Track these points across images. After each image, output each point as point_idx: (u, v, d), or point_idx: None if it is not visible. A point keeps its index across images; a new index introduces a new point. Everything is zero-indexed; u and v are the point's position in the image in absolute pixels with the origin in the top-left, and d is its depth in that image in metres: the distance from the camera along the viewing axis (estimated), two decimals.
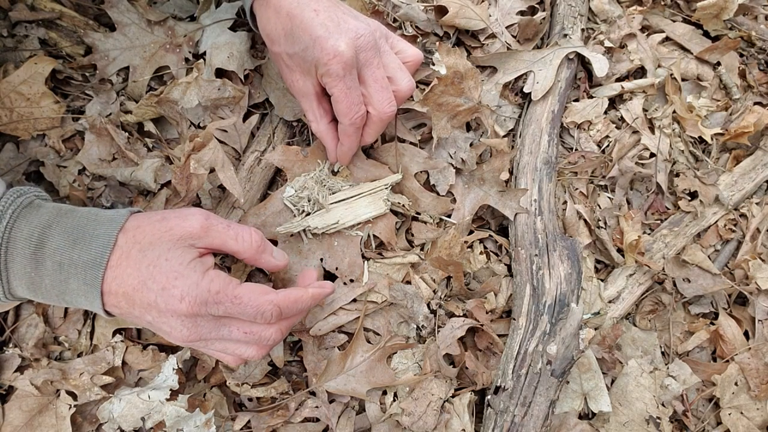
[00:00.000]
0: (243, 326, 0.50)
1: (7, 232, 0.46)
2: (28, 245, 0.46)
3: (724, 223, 0.79)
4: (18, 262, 0.46)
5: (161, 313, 0.47)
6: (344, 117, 0.59)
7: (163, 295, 0.46)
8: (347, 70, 0.56)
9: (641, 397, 0.70)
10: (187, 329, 0.47)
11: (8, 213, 0.47)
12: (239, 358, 0.52)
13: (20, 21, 0.67)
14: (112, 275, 0.47)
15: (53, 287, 0.47)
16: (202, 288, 0.47)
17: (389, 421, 0.65)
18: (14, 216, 0.47)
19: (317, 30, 0.55)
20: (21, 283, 0.47)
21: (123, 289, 0.47)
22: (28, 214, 0.48)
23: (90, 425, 0.61)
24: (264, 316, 0.49)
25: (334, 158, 0.66)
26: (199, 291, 0.46)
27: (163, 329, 0.48)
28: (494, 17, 0.79)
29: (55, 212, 0.49)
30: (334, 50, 0.55)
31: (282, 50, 0.59)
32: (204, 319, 0.48)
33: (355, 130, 0.60)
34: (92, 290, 0.47)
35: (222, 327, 0.49)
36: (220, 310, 0.48)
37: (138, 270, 0.47)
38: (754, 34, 0.87)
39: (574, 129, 0.80)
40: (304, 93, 0.62)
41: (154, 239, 0.48)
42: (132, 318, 0.49)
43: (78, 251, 0.47)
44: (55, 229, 0.47)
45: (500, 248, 0.74)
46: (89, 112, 0.67)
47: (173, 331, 0.48)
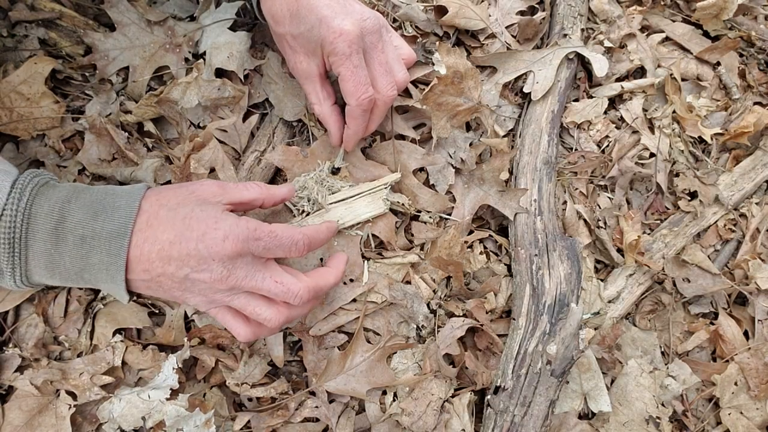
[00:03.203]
0: (275, 275, 0.52)
1: (28, 208, 0.46)
2: (49, 220, 0.46)
3: (723, 223, 0.79)
4: (39, 238, 0.46)
5: (201, 261, 0.47)
6: (351, 97, 0.58)
7: (205, 239, 0.48)
8: (353, 48, 0.56)
9: (641, 397, 0.70)
10: (227, 270, 0.48)
11: (27, 190, 0.47)
12: (255, 323, 0.53)
13: (20, 21, 0.67)
14: (142, 238, 0.47)
15: (73, 264, 0.47)
16: (242, 226, 0.49)
17: (389, 421, 0.65)
18: (33, 193, 0.47)
19: (323, 10, 0.56)
20: (39, 263, 0.47)
21: (157, 247, 0.47)
22: (47, 192, 0.48)
23: (90, 425, 0.61)
24: (297, 245, 0.52)
25: (337, 141, 0.65)
26: (239, 229, 0.49)
27: (199, 280, 0.48)
28: (494, 17, 0.79)
29: (73, 189, 0.49)
30: (340, 29, 0.55)
31: (286, 31, 0.60)
32: (243, 260, 0.50)
33: (362, 111, 0.60)
34: (116, 261, 0.47)
35: (257, 273, 0.51)
36: (260, 246, 0.50)
37: (172, 225, 0.48)
38: (753, 34, 0.87)
39: (573, 129, 0.80)
40: (307, 75, 0.62)
41: (181, 200, 0.50)
42: (163, 283, 0.49)
43: (101, 222, 0.47)
44: (75, 204, 0.47)
45: (500, 248, 0.74)
46: (89, 112, 0.67)
47: (212, 276, 0.48)
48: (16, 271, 0.47)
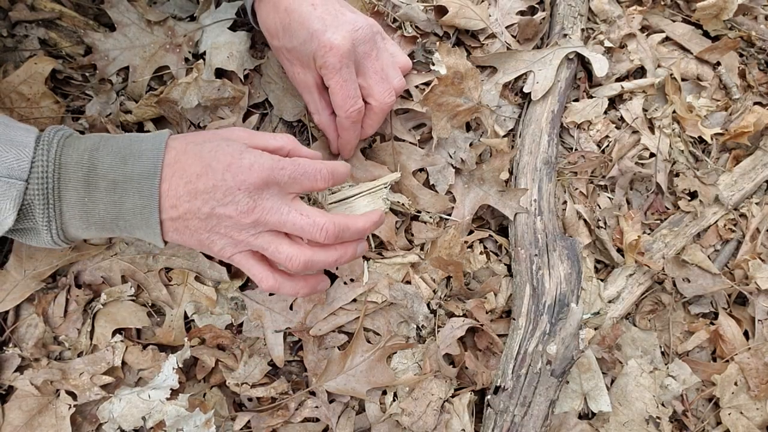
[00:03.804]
0: (301, 208, 0.51)
1: (57, 159, 0.46)
2: (79, 168, 0.46)
3: (723, 223, 0.79)
4: (71, 188, 0.46)
5: (227, 192, 0.47)
6: (340, 109, 0.59)
7: (231, 169, 0.48)
8: (343, 62, 0.56)
9: (641, 397, 0.70)
10: (253, 201, 0.48)
11: (55, 142, 0.47)
12: (279, 270, 0.53)
13: (20, 21, 0.67)
14: (170, 172, 0.48)
15: (107, 212, 0.47)
16: (266, 157, 0.50)
17: (389, 421, 0.65)
18: (61, 144, 0.47)
19: (314, 24, 0.56)
20: (74, 213, 0.47)
21: (184, 180, 0.47)
22: (73, 143, 0.48)
23: (90, 425, 0.61)
24: (321, 173, 0.52)
25: (335, 150, 0.67)
26: (264, 159, 0.49)
27: (224, 215, 0.48)
28: (494, 17, 0.79)
29: (99, 138, 0.49)
30: (330, 43, 0.55)
31: (281, 44, 0.60)
32: (269, 191, 0.50)
33: (351, 123, 0.61)
34: (149, 202, 0.47)
35: (283, 205, 0.50)
36: (285, 174, 0.50)
37: (200, 157, 0.48)
38: (753, 34, 0.87)
39: (573, 129, 0.80)
40: (305, 85, 0.62)
41: (208, 137, 0.51)
42: (189, 222, 0.49)
43: (130, 166, 0.47)
44: (103, 151, 0.47)
45: (500, 248, 0.74)
46: (89, 112, 0.67)
47: (238, 208, 0.48)
48: (52, 224, 0.47)
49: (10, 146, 0.44)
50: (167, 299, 0.65)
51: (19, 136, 0.45)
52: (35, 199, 0.45)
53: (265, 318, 0.65)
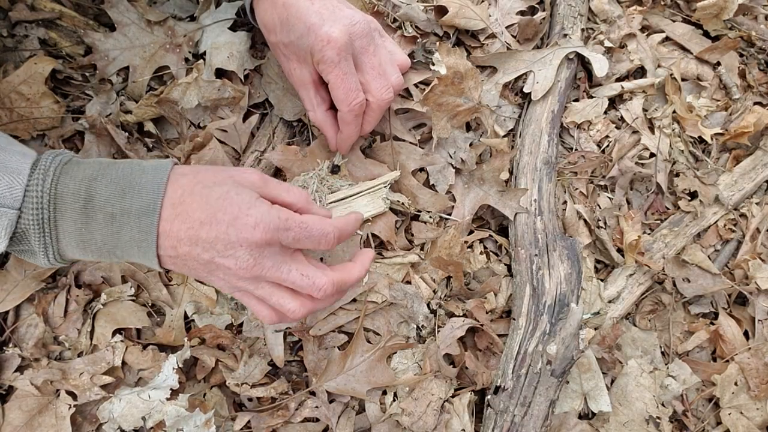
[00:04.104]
0: (301, 267, 0.51)
1: (53, 188, 0.45)
2: (76, 199, 0.45)
3: (723, 223, 0.79)
4: (68, 218, 0.45)
5: (228, 246, 0.47)
6: (342, 104, 0.59)
7: (236, 224, 0.47)
8: (342, 56, 0.56)
9: (641, 397, 0.70)
10: (253, 259, 0.48)
11: (51, 170, 0.45)
12: (278, 311, 0.52)
13: (20, 21, 0.67)
14: (173, 213, 0.47)
15: (104, 242, 0.46)
16: (273, 215, 0.48)
17: (389, 421, 0.65)
18: (57, 172, 0.46)
19: (311, 17, 0.56)
20: (71, 241, 0.46)
21: (186, 226, 0.46)
22: (71, 170, 0.46)
23: (90, 425, 0.61)
24: (327, 237, 0.52)
25: (333, 146, 0.66)
26: (271, 218, 0.48)
27: (224, 266, 0.48)
28: (494, 17, 0.79)
29: (98, 165, 0.48)
30: (328, 36, 0.55)
31: (278, 40, 0.60)
32: (271, 250, 0.49)
33: (354, 117, 0.60)
34: (147, 237, 0.46)
35: (283, 264, 0.50)
36: (290, 236, 0.49)
37: (206, 203, 0.47)
38: (754, 34, 0.87)
39: (574, 129, 0.80)
40: (301, 81, 0.62)
41: (219, 180, 0.49)
42: (188, 262, 0.48)
43: (129, 200, 0.46)
44: (102, 181, 0.46)
45: (500, 248, 0.74)
46: (89, 112, 0.67)
47: (237, 264, 0.47)
48: (48, 249, 0.46)
49: (4, 173, 0.43)
50: (167, 299, 0.65)
51: (13, 162, 0.44)
52: (30, 228, 0.45)
53: None
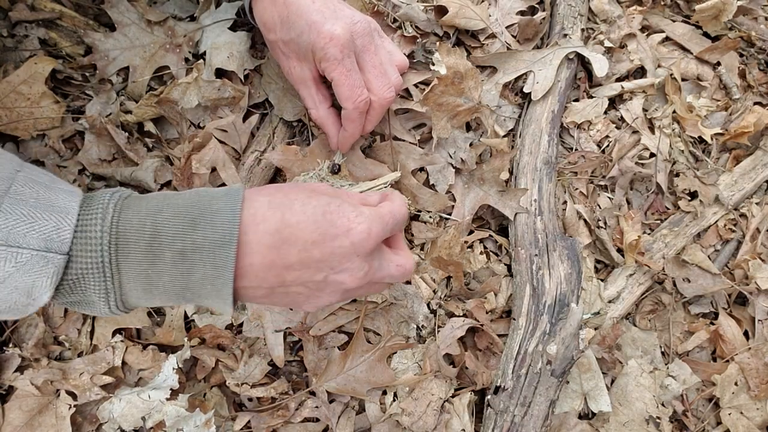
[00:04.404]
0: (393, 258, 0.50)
1: (114, 227, 0.40)
2: (141, 237, 0.40)
3: (724, 223, 0.79)
4: (132, 259, 0.40)
5: (343, 259, 0.44)
6: (347, 101, 0.58)
7: (350, 235, 0.44)
8: (345, 53, 0.56)
9: (641, 397, 0.70)
10: (367, 265, 0.46)
11: (110, 207, 0.40)
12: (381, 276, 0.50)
13: (20, 21, 0.67)
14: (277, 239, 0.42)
15: (173, 284, 0.41)
16: (376, 217, 0.46)
17: (389, 421, 0.65)
18: (118, 208, 0.41)
19: (313, 15, 0.56)
20: (136, 285, 0.41)
21: (297, 249, 0.42)
22: (132, 205, 0.41)
23: (90, 425, 0.61)
24: (405, 215, 0.51)
25: (334, 145, 0.66)
26: (376, 223, 0.46)
27: (336, 281, 0.45)
28: (494, 17, 0.79)
29: (161, 197, 0.43)
30: (330, 33, 0.55)
31: (278, 37, 0.60)
32: (377, 251, 0.48)
33: (358, 114, 0.60)
34: (222, 273, 0.41)
35: (383, 261, 0.49)
36: (388, 231, 0.48)
37: (313, 221, 0.43)
38: (753, 34, 0.87)
39: (574, 129, 0.80)
40: (301, 79, 0.62)
41: (300, 196, 0.45)
42: (291, 288, 0.45)
43: (201, 232, 0.40)
44: (167, 213, 0.41)
45: (500, 248, 0.74)
46: (89, 112, 0.67)
47: (351, 275, 0.45)
48: (110, 296, 0.41)
49: (50, 212, 0.38)
50: None
51: (60, 200, 0.39)
52: (87, 273, 0.39)
53: (265, 318, 0.65)
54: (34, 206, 0.37)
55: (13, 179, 0.37)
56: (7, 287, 0.36)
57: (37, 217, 0.37)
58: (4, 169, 0.38)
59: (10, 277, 0.36)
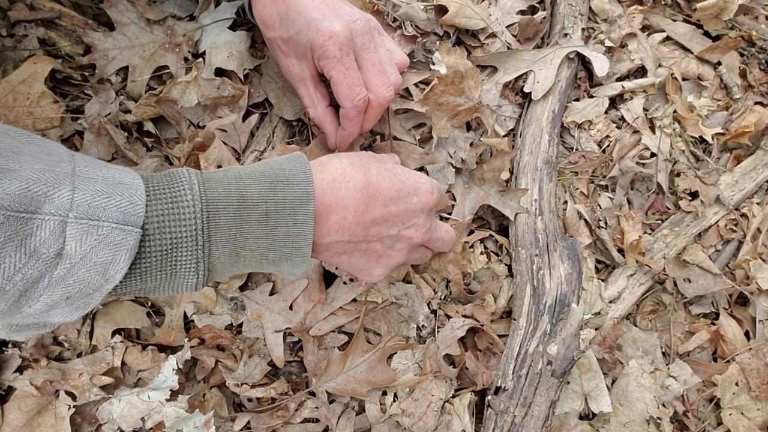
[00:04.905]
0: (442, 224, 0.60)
1: (203, 195, 0.41)
2: (229, 203, 0.42)
3: (724, 223, 0.79)
4: (222, 225, 0.42)
5: (413, 214, 0.51)
6: (346, 99, 0.58)
7: (419, 193, 0.51)
8: (344, 51, 0.56)
9: (642, 398, 0.70)
10: (429, 221, 0.54)
11: (194, 179, 0.42)
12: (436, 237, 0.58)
13: (19, 20, 0.67)
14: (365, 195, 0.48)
15: (257, 245, 0.44)
16: (430, 179, 0.55)
17: (389, 422, 0.65)
18: (201, 180, 0.42)
19: (312, 13, 0.56)
20: (224, 252, 0.43)
21: (380, 203, 0.49)
22: (211, 177, 0.43)
23: (89, 426, 0.61)
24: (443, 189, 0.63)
25: (333, 144, 0.65)
26: (432, 181, 0.54)
27: (405, 237, 0.52)
28: (494, 16, 0.79)
29: (234, 170, 0.45)
30: (330, 31, 0.55)
31: (277, 35, 0.59)
32: (433, 211, 0.56)
33: (357, 113, 0.59)
34: (304, 228, 0.44)
35: (435, 221, 0.57)
36: (441, 193, 0.57)
37: (391, 182, 0.50)
38: (754, 34, 0.87)
39: (574, 129, 0.80)
40: (300, 77, 0.61)
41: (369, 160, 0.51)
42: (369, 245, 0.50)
43: (281, 193, 0.44)
44: (248, 180, 0.44)
45: (501, 248, 0.74)
46: (88, 112, 0.67)
47: (417, 230, 0.52)
48: (200, 266, 0.41)
49: (121, 189, 0.38)
50: (167, 299, 0.65)
51: (125, 178, 0.39)
52: (180, 245, 0.40)
53: (265, 318, 0.65)
54: (104, 183, 0.37)
55: (73, 161, 0.38)
56: (86, 263, 0.36)
57: (111, 193, 0.37)
58: (62, 153, 0.38)
59: (91, 251, 0.36)
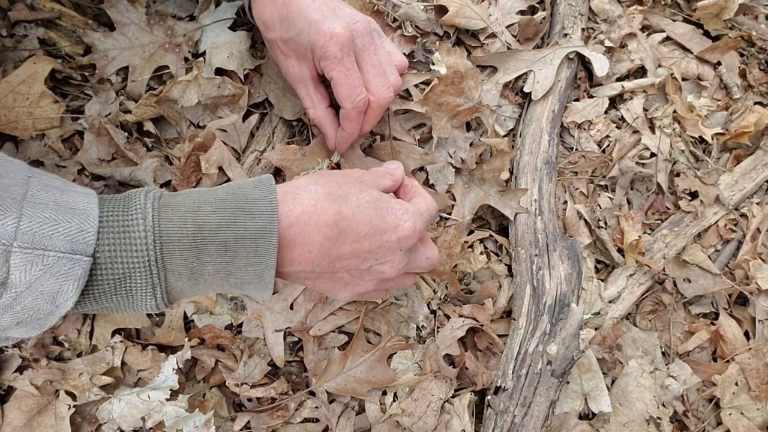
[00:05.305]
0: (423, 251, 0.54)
1: (156, 226, 0.40)
2: (184, 234, 0.41)
3: (724, 223, 0.79)
4: (177, 255, 0.41)
5: (389, 251, 0.48)
6: (346, 100, 0.58)
7: (398, 231, 0.48)
8: (345, 52, 0.56)
9: (641, 398, 0.70)
10: (406, 258, 0.50)
11: (149, 207, 0.40)
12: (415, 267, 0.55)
13: (19, 21, 0.67)
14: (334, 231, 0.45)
15: (217, 271, 0.42)
16: (417, 215, 0.50)
17: (389, 422, 0.65)
18: (156, 208, 0.41)
19: (313, 14, 0.56)
20: (181, 277, 0.42)
21: (351, 239, 0.46)
22: (169, 204, 0.42)
23: (89, 425, 0.61)
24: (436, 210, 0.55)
25: (332, 145, 0.65)
26: (419, 218, 0.50)
27: (378, 271, 0.49)
28: (494, 17, 0.79)
29: (195, 194, 0.43)
30: (331, 32, 0.55)
31: (277, 36, 0.59)
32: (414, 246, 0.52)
33: (357, 114, 0.59)
34: (265, 259, 0.42)
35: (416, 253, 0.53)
36: (426, 224, 0.52)
37: (368, 216, 0.47)
38: (754, 34, 0.87)
39: (574, 129, 0.80)
40: (300, 78, 0.61)
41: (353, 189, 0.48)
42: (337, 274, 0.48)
43: (242, 224, 0.42)
44: (207, 209, 0.42)
45: (500, 248, 0.74)
46: (88, 112, 0.67)
47: (392, 266, 0.49)
48: (157, 291, 0.41)
49: (72, 215, 0.37)
50: None
51: (79, 203, 0.39)
52: (134, 272, 0.39)
53: (265, 318, 0.65)
54: (54, 209, 0.37)
55: (27, 184, 0.37)
56: (33, 292, 0.35)
57: (59, 220, 0.36)
58: (17, 175, 0.37)
59: (36, 281, 0.35)
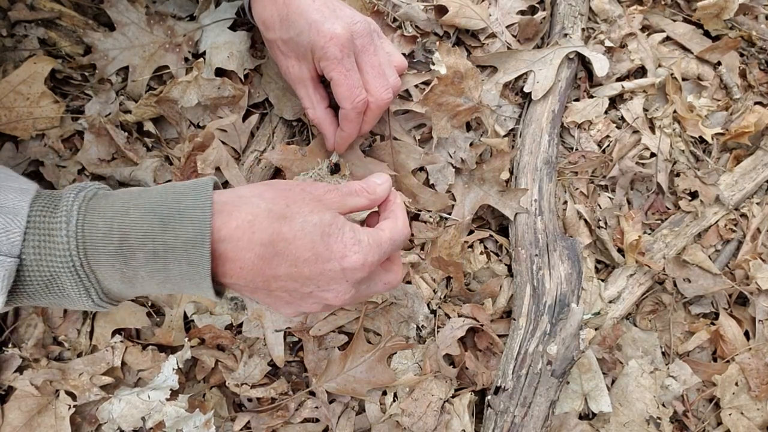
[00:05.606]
0: (381, 277, 0.50)
1: (80, 231, 0.39)
2: (109, 241, 0.39)
3: (724, 223, 0.79)
4: (104, 261, 0.39)
5: (332, 281, 0.44)
6: (346, 101, 0.58)
7: (343, 262, 0.44)
8: (345, 52, 0.56)
9: (641, 398, 0.70)
10: (354, 289, 0.46)
11: (74, 210, 0.39)
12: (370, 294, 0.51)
13: (19, 20, 0.67)
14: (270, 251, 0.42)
15: (151, 277, 0.41)
16: (374, 248, 0.46)
17: (389, 422, 0.65)
18: (82, 212, 0.39)
19: (313, 14, 0.56)
20: (114, 281, 0.41)
21: (288, 263, 0.42)
22: (97, 206, 0.40)
23: (89, 425, 0.61)
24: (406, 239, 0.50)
25: (331, 145, 0.65)
26: (373, 251, 0.45)
27: (320, 297, 0.45)
28: (494, 17, 0.79)
29: (127, 196, 0.41)
30: (331, 32, 0.55)
31: (277, 36, 0.59)
32: (368, 276, 0.47)
33: (356, 114, 0.60)
34: (198, 270, 0.40)
35: (370, 282, 0.49)
36: (384, 255, 0.47)
37: (311, 242, 0.43)
38: (754, 34, 0.87)
39: (574, 129, 0.80)
40: (299, 79, 0.62)
41: (303, 208, 0.44)
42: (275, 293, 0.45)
43: (171, 233, 0.39)
44: (134, 215, 0.39)
45: (500, 248, 0.74)
46: (88, 112, 0.67)
47: (337, 295, 0.45)
48: (91, 292, 0.40)
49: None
50: (167, 299, 0.65)
51: (9, 201, 0.37)
52: (61, 275, 0.39)
53: (265, 318, 0.65)
54: None
55: None
56: None
57: None
58: None
59: None
